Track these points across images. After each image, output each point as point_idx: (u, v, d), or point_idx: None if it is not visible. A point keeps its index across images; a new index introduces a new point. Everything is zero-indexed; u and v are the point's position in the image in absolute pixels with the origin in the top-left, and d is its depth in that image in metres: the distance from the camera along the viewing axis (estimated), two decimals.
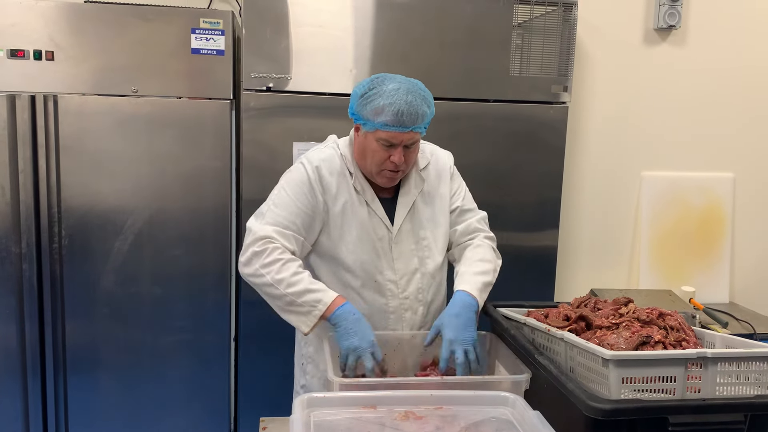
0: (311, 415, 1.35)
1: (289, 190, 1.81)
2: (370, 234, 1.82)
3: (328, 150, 1.86)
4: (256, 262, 1.72)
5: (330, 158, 1.83)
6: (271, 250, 1.72)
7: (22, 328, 2.57)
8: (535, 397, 1.48)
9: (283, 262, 1.71)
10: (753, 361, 1.32)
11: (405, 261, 1.86)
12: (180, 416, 2.72)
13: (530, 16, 2.74)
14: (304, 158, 1.85)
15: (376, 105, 1.70)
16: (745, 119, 3.29)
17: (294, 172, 1.84)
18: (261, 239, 1.73)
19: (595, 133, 3.20)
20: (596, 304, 1.68)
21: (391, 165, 1.75)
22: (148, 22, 2.51)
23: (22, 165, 2.50)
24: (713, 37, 3.21)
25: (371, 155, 1.76)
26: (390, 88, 1.70)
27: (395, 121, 1.69)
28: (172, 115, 2.58)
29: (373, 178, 1.81)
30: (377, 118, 1.70)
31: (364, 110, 1.73)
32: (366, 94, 1.73)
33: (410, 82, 1.74)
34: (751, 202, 3.36)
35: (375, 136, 1.73)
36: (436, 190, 1.91)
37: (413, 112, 1.70)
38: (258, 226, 1.77)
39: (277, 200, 1.80)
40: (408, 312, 1.87)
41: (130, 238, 2.61)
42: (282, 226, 1.76)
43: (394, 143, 1.72)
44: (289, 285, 1.69)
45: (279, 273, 1.70)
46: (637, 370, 1.29)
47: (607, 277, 3.29)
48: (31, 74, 2.48)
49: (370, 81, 1.75)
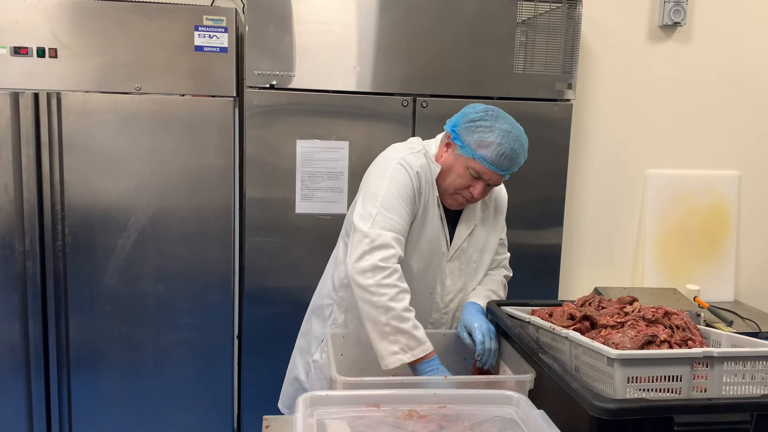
0: (314, 414, 1.34)
1: (397, 193, 1.74)
2: (435, 247, 1.86)
3: (422, 157, 1.82)
4: (375, 277, 1.65)
5: (425, 167, 1.81)
6: (393, 271, 1.66)
7: (25, 325, 2.58)
8: (540, 396, 1.47)
9: (399, 290, 1.66)
10: (760, 360, 1.31)
11: (454, 279, 1.92)
12: (183, 414, 2.72)
13: (534, 13, 2.73)
14: (402, 161, 1.78)
15: (483, 138, 1.71)
16: (750, 117, 3.28)
17: (396, 173, 1.76)
18: (382, 248, 1.67)
19: (600, 130, 3.18)
20: (600, 303, 1.67)
21: (468, 194, 1.79)
22: (151, 19, 2.51)
23: (26, 163, 2.50)
24: (719, 34, 3.19)
25: (455, 177, 1.78)
26: (503, 128, 1.73)
27: (496, 161, 1.72)
28: (176, 113, 2.57)
29: (443, 196, 1.84)
30: (480, 150, 1.72)
31: (470, 136, 1.73)
32: (477, 122, 1.73)
33: (519, 129, 1.77)
34: (757, 200, 3.34)
35: (468, 163, 1.74)
36: (494, 220, 1.97)
37: (515, 159, 1.75)
38: (374, 231, 1.69)
39: (387, 203, 1.73)
40: (445, 326, 1.94)
41: (134, 236, 2.60)
42: (397, 232, 1.72)
43: (482, 178, 1.75)
44: (396, 318, 1.64)
45: (393, 301, 1.64)
46: (642, 369, 1.28)
47: (611, 276, 3.27)
48: (35, 72, 2.48)
49: (485, 110, 1.76)
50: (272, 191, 2.67)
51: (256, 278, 2.70)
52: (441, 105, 2.69)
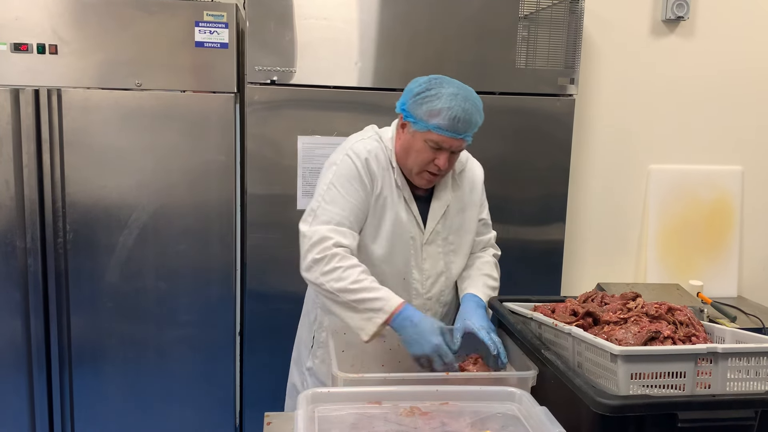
0: (315, 410, 1.34)
1: (339, 186, 1.76)
2: (403, 231, 1.83)
3: (372, 142, 1.83)
4: (316, 270, 1.69)
5: (376, 150, 1.81)
6: (330, 257, 1.68)
7: (27, 322, 2.57)
8: (542, 393, 1.47)
9: (342, 269, 1.67)
10: (764, 356, 1.30)
11: (432, 263, 1.88)
12: (185, 410, 2.72)
13: (536, 8, 2.71)
14: (350, 150, 1.80)
15: (432, 107, 1.69)
16: (754, 111, 3.26)
17: (341, 166, 1.79)
18: (318, 243, 1.70)
19: (602, 125, 3.17)
20: (603, 299, 1.66)
21: (434, 168, 1.75)
22: (152, 15, 2.50)
23: (27, 160, 2.49)
24: (722, 29, 3.17)
25: (416, 154, 1.75)
26: (449, 92, 1.70)
27: (450, 126, 1.69)
28: (176, 109, 2.57)
29: (411, 177, 1.81)
30: (432, 119, 1.69)
31: (419, 110, 1.71)
32: (422, 94, 1.71)
33: (467, 90, 1.75)
34: (760, 196, 3.33)
35: (425, 136, 1.72)
36: (469, 198, 1.94)
37: (469, 119, 1.70)
38: (311, 229, 1.73)
39: (328, 197, 1.76)
40: (429, 312, 1.89)
41: (135, 233, 2.60)
42: (335, 223, 1.73)
43: (443, 147, 1.72)
44: (348, 293, 1.66)
45: (338, 282, 1.67)
46: (645, 365, 1.27)
47: (614, 271, 3.26)
48: (35, 68, 2.47)
49: (428, 81, 1.74)
50: (273, 187, 2.66)
51: (257, 275, 2.69)
52: None
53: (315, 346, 1.96)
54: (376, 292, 1.66)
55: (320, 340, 1.94)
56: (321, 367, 1.92)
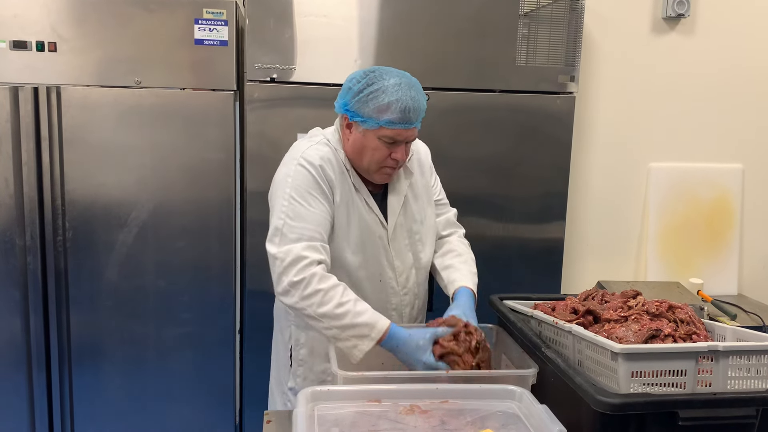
0: (315, 409, 1.34)
1: (300, 198, 1.67)
2: (371, 233, 1.78)
3: (323, 147, 1.75)
4: (295, 294, 1.60)
5: (328, 156, 1.73)
6: (308, 279, 1.59)
7: (26, 320, 2.57)
8: (543, 391, 1.46)
9: (324, 292, 1.59)
10: (765, 354, 1.30)
11: (402, 257, 1.84)
12: (185, 409, 2.72)
13: (537, 6, 2.71)
14: (301, 158, 1.71)
15: (379, 102, 1.63)
16: (754, 110, 3.25)
17: (296, 177, 1.69)
18: (293, 264, 1.60)
19: (603, 123, 3.16)
20: (604, 297, 1.66)
21: (392, 162, 1.71)
22: (151, 12, 2.49)
23: (26, 157, 2.49)
24: (722, 26, 3.16)
25: (371, 153, 1.69)
26: (392, 84, 1.64)
27: (402, 119, 1.64)
28: (176, 107, 2.56)
29: (369, 176, 1.76)
30: (381, 115, 1.64)
31: (365, 108, 1.65)
32: (365, 91, 1.65)
33: (407, 76, 1.69)
34: (760, 194, 3.32)
35: (377, 134, 1.66)
36: (421, 183, 1.89)
37: (417, 107, 1.66)
38: (282, 249, 1.63)
39: (291, 213, 1.66)
40: (407, 307, 1.87)
41: (134, 231, 2.60)
42: (307, 239, 1.63)
43: (398, 140, 1.68)
44: (333, 318, 1.59)
45: (321, 306, 1.59)
46: (646, 363, 1.27)
47: (614, 269, 3.26)
48: (34, 66, 2.47)
49: (365, 76, 1.67)
50: None
51: (257, 273, 2.68)
52: (443, 98, 2.67)
53: (294, 365, 1.88)
54: (361, 316, 1.59)
55: (299, 358, 1.87)
56: (304, 384, 1.83)
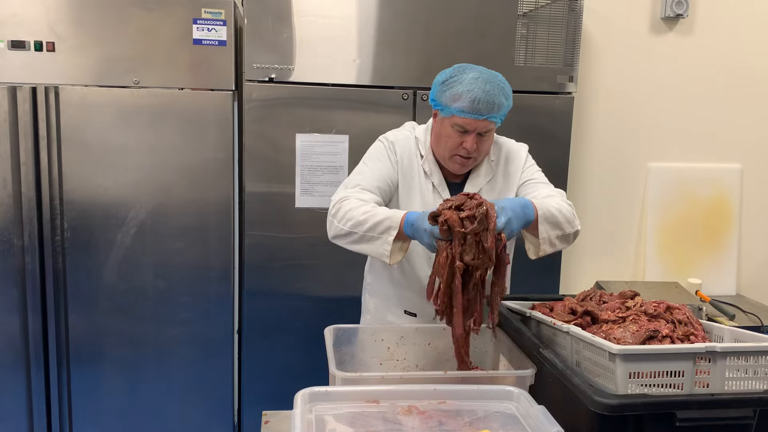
0: (313, 409, 1.34)
1: (368, 160, 1.91)
2: None
3: (404, 131, 1.97)
4: (333, 223, 1.77)
5: (405, 138, 1.93)
6: (339, 203, 1.77)
7: (25, 320, 2.57)
8: (541, 392, 1.46)
9: (351, 209, 1.73)
10: (763, 355, 1.30)
11: None
12: (183, 409, 2.72)
13: (536, 6, 2.71)
14: (382, 136, 1.96)
15: (454, 92, 1.75)
16: (753, 109, 3.25)
17: (372, 148, 1.95)
18: (336, 203, 1.78)
19: (601, 123, 3.16)
20: (602, 298, 1.66)
21: (463, 151, 1.80)
22: (149, 12, 2.49)
23: (24, 157, 2.49)
24: (721, 26, 3.16)
25: (445, 140, 1.82)
26: (470, 77, 1.76)
27: (471, 108, 1.74)
28: (174, 107, 2.56)
29: (446, 164, 1.87)
30: (454, 104, 1.75)
31: (443, 96, 1.78)
32: (446, 81, 1.79)
33: (490, 73, 1.79)
34: (759, 194, 3.32)
35: (451, 121, 1.78)
36: (505, 181, 1.96)
37: (490, 100, 1.74)
38: (338, 195, 1.81)
39: (357, 170, 1.90)
40: None
41: (133, 231, 2.59)
42: (360, 187, 1.82)
43: (468, 130, 1.77)
44: (361, 224, 1.70)
45: (350, 220, 1.72)
46: (644, 364, 1.27)
47: (612, 269, 3.26)
48: (32, 65, 2.47)
49: (453, 69, 1.81)
50: (272, 185, 2.66)
51: (255, 273, 2.69)
52: None
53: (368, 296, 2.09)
54: (382, 214, 1.70)
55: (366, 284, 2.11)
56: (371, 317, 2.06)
